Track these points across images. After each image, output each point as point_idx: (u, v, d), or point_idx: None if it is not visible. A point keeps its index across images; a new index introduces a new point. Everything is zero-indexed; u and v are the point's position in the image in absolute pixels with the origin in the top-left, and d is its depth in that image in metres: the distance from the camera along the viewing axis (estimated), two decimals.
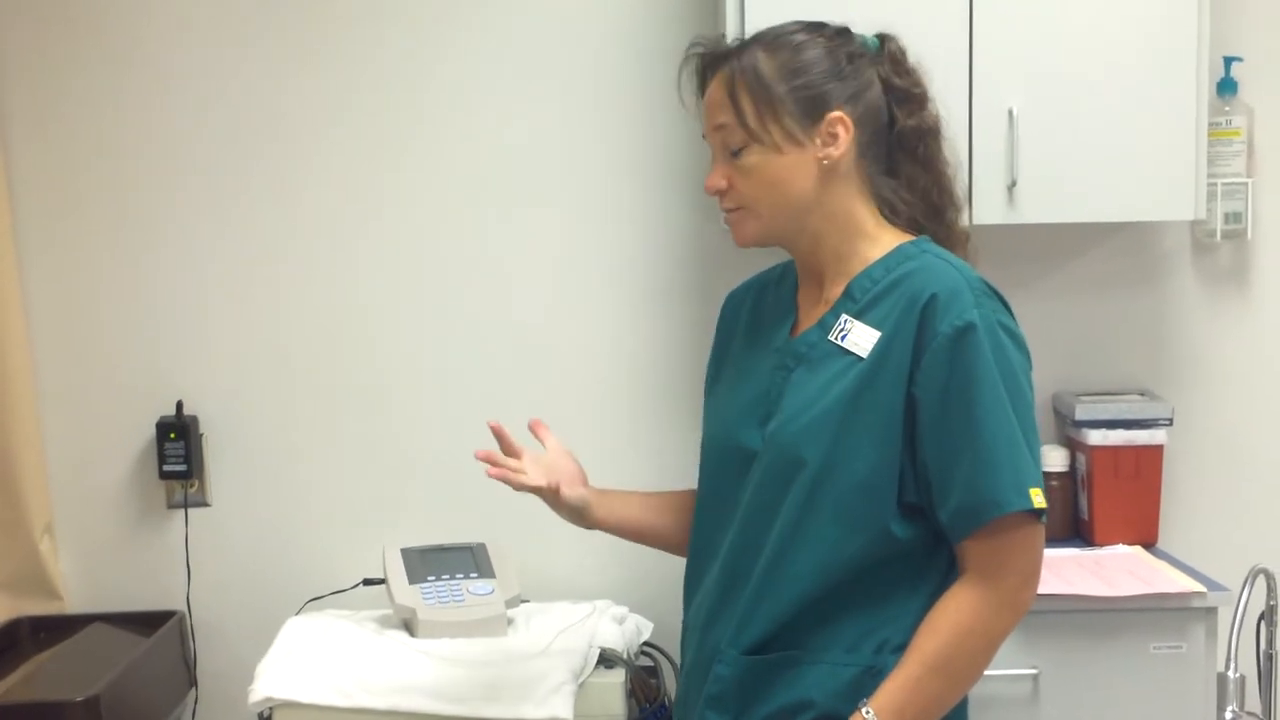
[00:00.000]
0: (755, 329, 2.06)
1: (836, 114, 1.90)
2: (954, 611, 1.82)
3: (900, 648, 1.84)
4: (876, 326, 1.86)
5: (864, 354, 1.86)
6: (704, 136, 1.99)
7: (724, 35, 2.04)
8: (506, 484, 2.08)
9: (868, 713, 1.80)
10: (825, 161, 1.90)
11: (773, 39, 1.95)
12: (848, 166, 1.92)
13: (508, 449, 2.13)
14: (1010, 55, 2.87)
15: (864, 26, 1.99)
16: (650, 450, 3.17)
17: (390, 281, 3.25)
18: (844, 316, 1.90)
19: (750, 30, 2.16)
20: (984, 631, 1.82)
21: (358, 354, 3.26)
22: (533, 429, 2.20)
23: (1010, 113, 2.87)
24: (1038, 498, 1.81)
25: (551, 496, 2.10)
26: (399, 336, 3.26)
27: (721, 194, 1.95)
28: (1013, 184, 2.88)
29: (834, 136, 1.90)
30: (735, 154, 1.92)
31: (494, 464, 2.08)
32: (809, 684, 1.86)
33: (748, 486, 1.92)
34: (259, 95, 3.21)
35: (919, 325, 1.83)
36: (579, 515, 2.14)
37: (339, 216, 3.24)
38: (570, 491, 2.11)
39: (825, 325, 1.92)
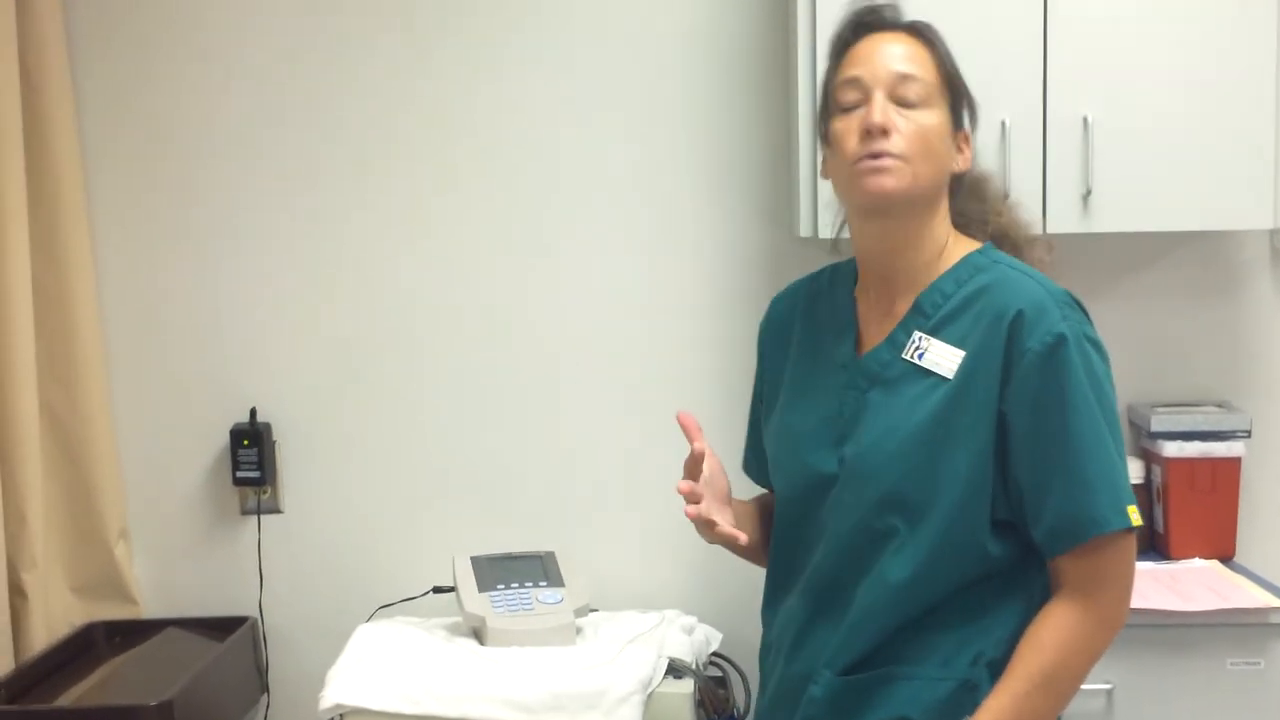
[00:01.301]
0: (813, 342, 2.01)
1: (966, 131, 1.92)
2: (1057, 628, 1.79)
3: (995, 661, 1.83)
4: (957, 345, 1.83)
5: (948, 374, 1.82)
6: (844, 81, 1.87)
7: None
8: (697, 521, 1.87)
9: None
10: (956, 164, 1.90)
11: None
12: (949, 179, 1.91)
13: (694, 458, 1.90)
14: (1085, 62, 2.84)
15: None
16: (719, 453, 3.13)
17: (461, 291, 3.26)
18: (917, 334, 1.87)
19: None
20: (1086, 648, 1.81)
21: (429, 362, 3.28)
22: (685, 426, 1.94)
23: (1085, 120, 2.84)
24: (1135, 514, 1.80)
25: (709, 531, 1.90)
26: (470, 345, 3.27)
27: (886, 134, 1.82)
28: (1088, 192, 2.85)
29: (961, 151, 1.91)
30: (912, 106, 1.84)
31: (694, 500, 1.87)
32: (904, 700, 1.83)
33: (834, 510, 1.88)
34: (327, 108, 3.25)
35: (1007, 343, 1.80)
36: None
37: (409, 229, 3.26)
38: (725, 527, 1.89)
39: (896, 343, 1.88)
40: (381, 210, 3.26)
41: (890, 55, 1.86)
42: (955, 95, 1.89)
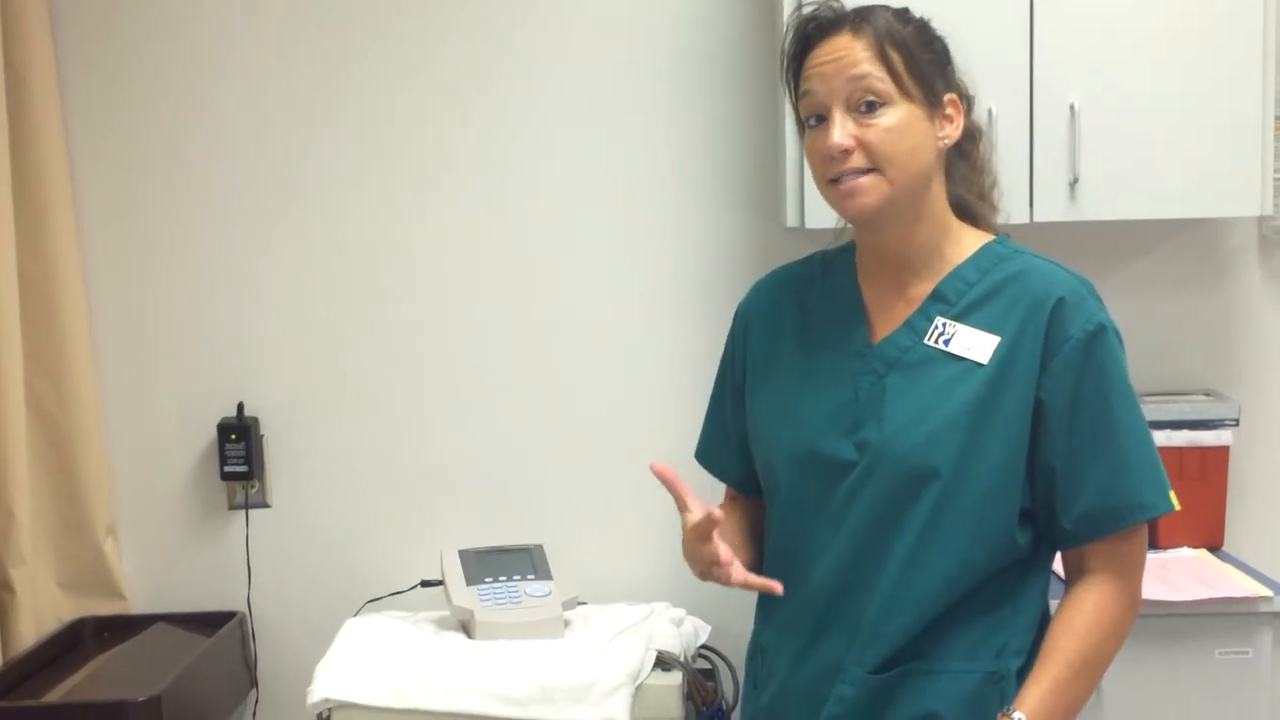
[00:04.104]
0: (811, 328, 1.96)
1: (952, 96, 1.85)
2: (1092, 613, 1.79)
3: (1019, 651, 1.82)
4: (991, 330, 1.81)
5: (983, 360, 1.80)
6: (803, 96, 1.84)
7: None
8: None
9: (1019, 717, 1.76)
10: (944, 141, 1.85)
11: (897, 10, 1.86)
12: (942, 155, 1.87)
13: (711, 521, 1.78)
14: (1072, 50, 2.83)
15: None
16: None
17: (449, 284, 3.26)
18: (940, 320, 1.84)
19: None
20: (1119, 632, 1.81)
21: (417, 356, 3.27)
22: (665, 479, 1.82)
23: (1072, 108, 2.83)
24: (1175, 499, 1.83)
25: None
26: (458, 339, 3.26)
27: (847, 154, 1.79)
28: (1075, 180, 2.84)
29: (949, 119, 1.85)
30: (870, 109, 1.79)
31: (738, 571, 1.81)
32: (933, 695, 1.81)
33: (854, 497, 1.83)
34: (318, 97, 3.23)
35: (1047, 329, 1.79)
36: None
37: (397, 220, 3.25)
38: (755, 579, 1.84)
39: (915, 328, 1.86)
40: (370, 205, 3.25)
41: (838, 63, 1.80)
42: (919, 72, 1.82)
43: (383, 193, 3.25)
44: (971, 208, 1.93)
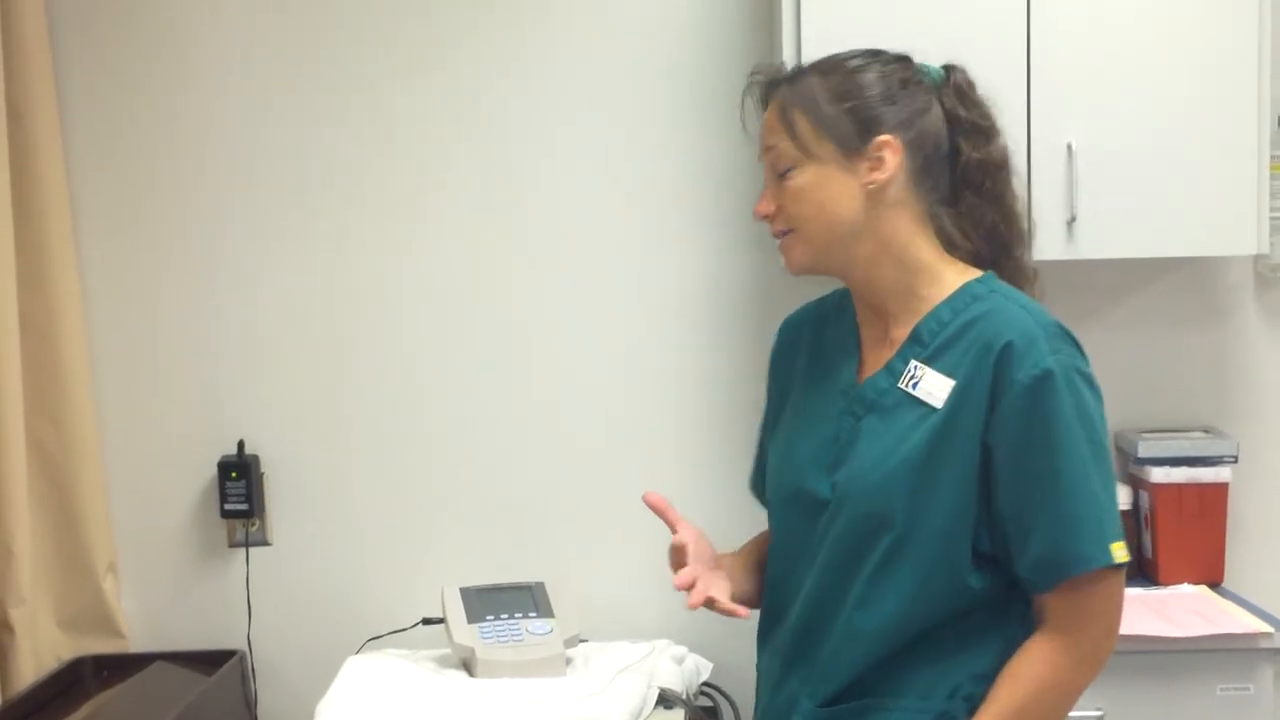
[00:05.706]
0: (818, 366, 2.00)
1: (885, 138, 1.86)
2: (1035, 663, 1.79)
3: (972, 695, 1.82)
4: (949, 374, 1.82)
5: (938, 404, 1.81)
6: (760, 159, 1.97)
7: (784, 64, 2.00)
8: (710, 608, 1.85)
9: None
10: (870, 186, 1.85)
11: (828, 64, 1.93)
12: (899, 194, 1.86)
13: (679, 550, 1.89)
14: (1069, 89, 2.86)
15: (922, 59, 1.96)
16: (712, 484, 3.09)
17: (450, 321, 3.26)
18: (913, 363, 1.86)
19: (806, 59, 2.14)
20: (1064, 685, 1.79)
21: (417, 394, 3.28)
22: (659, 509, 1.94)
23: (1069, 147, 2.85)
24: (1120, 552, 1.77)
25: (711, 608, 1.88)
26: (458, 376, 3.27)
27: (770, 218, 1.92)
28: (1072, 219, 2.86)
29: (880, 161, 1.86)
30: (784, 175, 1.89)
31: (692, 587, 1.84)
32: None
33: (825, 536, 1.87)
34: (317, 137, 3.25)
35: (994, 374, 1.78)
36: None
37: (397, 260, 3.26)
38: (725, 603, 1.85)
39: (894, 371, 1.87)
40: (368, 243, 3.26)
41: (764, 129, 1.95)
42: (827, 127, 1.87)
43: (381, 234, 3.26)
44: (965, 244, 1.93)
